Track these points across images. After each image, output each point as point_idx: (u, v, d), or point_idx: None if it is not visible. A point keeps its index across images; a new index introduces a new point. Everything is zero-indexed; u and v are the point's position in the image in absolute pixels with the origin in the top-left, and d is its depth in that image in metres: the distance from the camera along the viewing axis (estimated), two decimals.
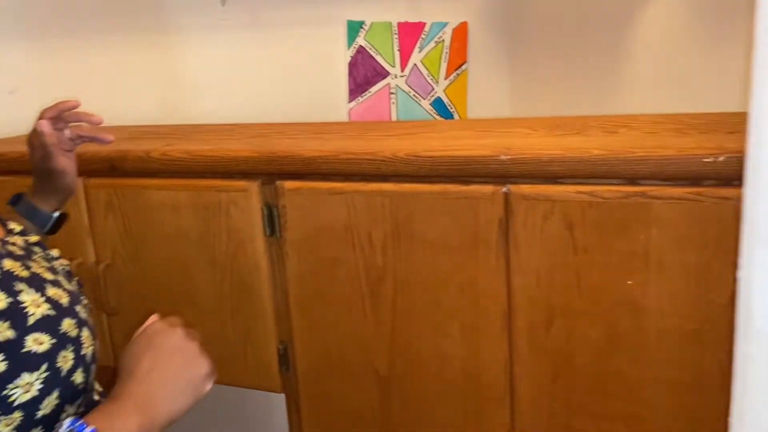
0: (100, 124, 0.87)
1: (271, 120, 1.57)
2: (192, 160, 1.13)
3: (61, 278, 0.67)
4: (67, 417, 0.59)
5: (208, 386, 0.68)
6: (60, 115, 0.86)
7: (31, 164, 0.89)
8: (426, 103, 1.74)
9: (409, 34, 1.70)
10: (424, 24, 1.69)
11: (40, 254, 0.70)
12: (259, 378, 1.19)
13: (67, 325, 0.60)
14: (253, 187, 1.09)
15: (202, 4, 1.66)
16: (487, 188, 0.96)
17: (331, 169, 1.04)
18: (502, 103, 1.61)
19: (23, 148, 1.28)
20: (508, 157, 0.94)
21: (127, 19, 1.67)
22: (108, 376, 1.16)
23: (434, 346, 1.05)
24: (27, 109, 1.61)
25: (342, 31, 1.66)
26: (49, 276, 0.64)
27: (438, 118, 1.71)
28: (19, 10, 1.56)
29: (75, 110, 0.87)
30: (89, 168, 1.15)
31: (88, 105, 1.69)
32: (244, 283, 1.15)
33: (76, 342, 0.60)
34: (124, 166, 1.16)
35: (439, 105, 1.73)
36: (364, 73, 1.72)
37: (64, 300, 0.62)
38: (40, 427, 0.57)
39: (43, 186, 0.88)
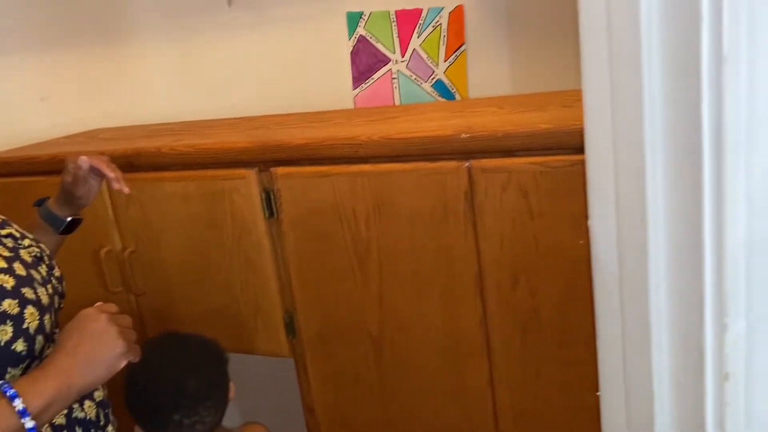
0: (123, 191, 1.02)
1: (282, 111, 1.70)
2: (197, 153, 1.27)
3: (17, 265, 0.81)
4: (11, 377, 0.74)
5: (122, 364, 0.80)
6: (100, 167, 1.01)
7: (61, 183, 1.04)
8: (427, 86, 1.83)
9: (407, 20, 1.79)
10: (421, 10, 1.77)
11: (8, 243, 0.85)
12: (270, 345, 1.34)
13: (7, 304, 0.75)
14: (251, 174, 1.23)
15: (210, 6, 1.79)
16: (452, 164, 1.07)
17: (318, 155, 1.16)
18: (502, 81, 1.68)
19: (52, 150, 1.44)
20: (468, 135, 1.04)
21: (144, 28, 1.82)
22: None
23: (417, 308, 1.17)
24: (58, 115, 1.79)
25: (342, 23, 1.76)
26: (1, 264, 0.79)
27: (440, 99, 1.80)
28: (48, 19, 1.72)
29: (112, 176, 1.01)
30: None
31: (112, 107, 1.86)
32: (251, 261, 1.29)
33: (17, 318, 0.75)
34: (139, 161, 1.31)
35: (440, 86, 1.82)
36: (366, 61, 1.82)
37: (9, 284, 0.77)
38: None
39: (64, 199, 1.05)
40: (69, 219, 1.05)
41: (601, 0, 0.51)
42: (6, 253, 0.81)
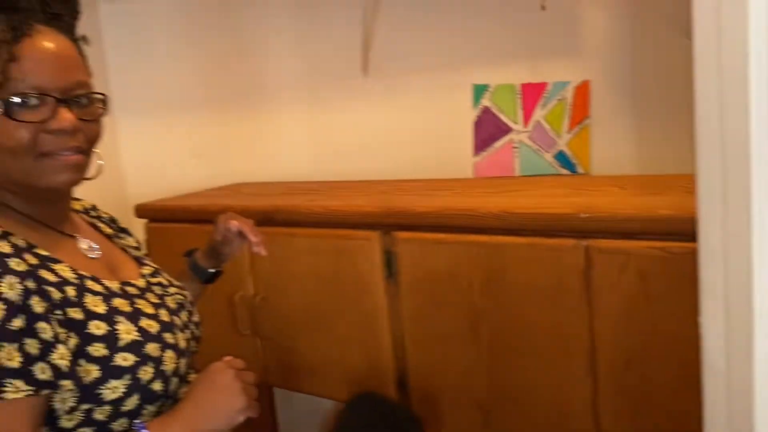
0: (261, 253, 1.13)
1: (406, 174, 1.80)
2: (328, 213, 1.38)
3: (162, 311, 0.91)
4: (147, 414, 0.84)
5: (241, 418, 0.86)
6: (245, 232, 1.13)
7: (210, 239, 1.17)
8: (549, 156, 1.84)
9: (532, 93, 1.84)
10: (546, 84, 1.81)
11: (157, 291, 0.96)
12: None
13: (151, 348, 0.84)
14: (375, 236, 1.32)
15: (346, 75, 1.95)
16: (569, 242, 1.09)
17: (437, 223, 1.23)
18: (626, 158, 1.65)
19: (203, 201, 1.62)
20: (587, 215, 1.07)
21: (284, 94, 2.02)
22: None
23: (526, 381, 1.19)
24: (208, 169, 2.01)
25: (468, 94, 1.84)
26: (149, 310, 0.89)
27: (561, 170, 1.80)
28: (203, 86, 1.96)
29: (255, 240, 1.13)
30: (251, 219, 1.45)
31: (255, 164, 2.05)
32: (368, 318, 1.36)
33: (157, 360, 0.85)
34: (277, 217, 1.45)
35: (562, 158, 1.82)
36: (488, 130, 1.88)
37: (154, 329, 0.87)
38: (125, 418, 0.82)
39: (210, 253, 1.18)
40: (213, 271, 1.18)
41: (713, 87, 0.54)
42: (154, 300, 0.93)
